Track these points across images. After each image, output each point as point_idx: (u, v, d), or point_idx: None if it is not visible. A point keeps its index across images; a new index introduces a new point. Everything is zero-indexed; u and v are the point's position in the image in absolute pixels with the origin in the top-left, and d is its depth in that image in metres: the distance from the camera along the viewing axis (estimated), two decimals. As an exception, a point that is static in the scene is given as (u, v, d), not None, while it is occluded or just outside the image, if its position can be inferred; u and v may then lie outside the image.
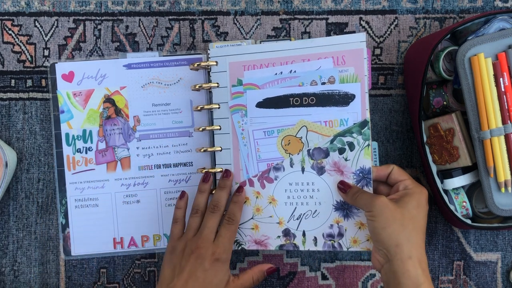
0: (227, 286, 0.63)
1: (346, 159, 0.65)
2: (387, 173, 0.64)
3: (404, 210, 0.58)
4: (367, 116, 0.64)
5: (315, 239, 0.67)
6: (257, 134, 0.67)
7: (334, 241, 0.66)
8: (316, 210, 0.66)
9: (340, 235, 0.66)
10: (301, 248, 0.67)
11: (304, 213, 0.67)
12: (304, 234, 0.67)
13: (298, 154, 0.66)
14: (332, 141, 0.65)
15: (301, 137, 0.66)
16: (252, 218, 0.68)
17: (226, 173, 0.67)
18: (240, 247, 0.68)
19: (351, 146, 0.65)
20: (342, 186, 0.64)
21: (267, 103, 0.66)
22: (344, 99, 0.64)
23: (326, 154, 0.65)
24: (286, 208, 0.67)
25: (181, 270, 0.62)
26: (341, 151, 0.65)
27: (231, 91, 0.68)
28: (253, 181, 0.68)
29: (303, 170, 0.66)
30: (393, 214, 0.58)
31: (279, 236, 0.68)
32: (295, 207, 0.67)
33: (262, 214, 0.68)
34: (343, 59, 0.64)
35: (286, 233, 0.67)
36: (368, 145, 0.64)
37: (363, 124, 0.64)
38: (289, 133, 0.66)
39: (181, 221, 0.67)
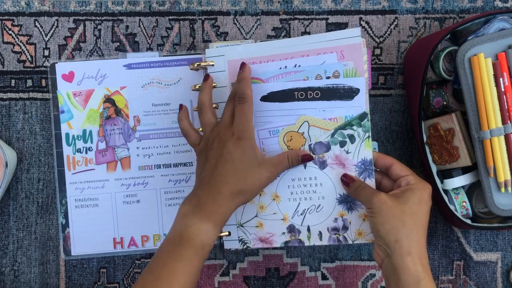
0: (262, 164, 0.61)
1: (347, 152, 0.65)
2: (387, 165, 0.63)
3: (405, 206, 0.58)
4: (366, 108, 0.64)
5: (320, 233, 0.67)
6: (262, 134, 0.67)
7: (339, 235, 0.67)
8: (320, 205, 0.66)
9: (345, 228, 0.66)
10: (307, 243, 0.67)
11: (308, 208, 0.67)
12: (308, 229, 0.67)
13: (299, 149, 0.66)
14: (333, 135, 0.65)
15: (303, 132, 0.66)
16: (256, 216, 0.68)
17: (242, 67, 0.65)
18: (245, 246, 0.68)
19: (352, 138, 0.65)
20: (345, 179, 0.64)
21: (271, 97, 0.66)
22: (349, 93, 0.65)
23: (328, 148, 0.65)
24: (289, 204, 0.67)
25: (208, 160, 0.61)
26: (342, 144, 0.65)
27: (231, 88, 0.68)
28: None
29: (305, 165, 0.66)
30: (392, 211, 0.58)
31: (283, 233, 0.67)
32: (299, 203, 0.67)
33: (266, 211, 0.68)
34: (342, 54, 0.65)
35: (291, 229, 0.67)
36: (369, 136, 0.64)
37: (363, 116, 0.64)
38: (291, 129, 0.66)
39: (190, 130, 0.65)
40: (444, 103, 0.70)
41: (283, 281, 0.75)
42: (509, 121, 0.64)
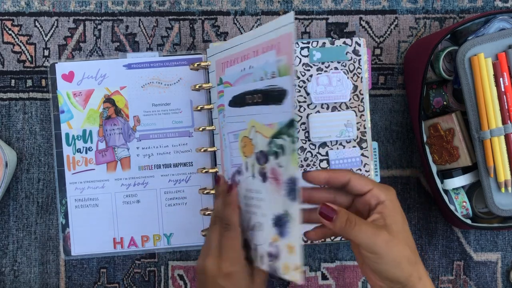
0: None
1: (280, 165, 0.52)
2: (343, 181, 0.54)
3: (400, 235, 0.52)
4: (293, 114, 0.51)
5: (261, 258, 0.55)
6: (230, 137, 0.62)
7: (273, 263, 0.53)
8: (261, 223, 0.55)
9: (275, 256, 0.53)
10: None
11: (254, 224, 0.56)
12: (256, 249, 0.56)
13: (251, 157, 0.57)
14: (269, 143, 0.54)
15: (252, 138, 0.57)
16: None
17: (217, 179, 0.60)
18: None
19: (283, 150, 0.52)
20: (326, 212, 0.52)
21: (233, 102, 0.61)
22: (279, 96, 0.53)
23: (267, 158, 0.54)
24: (244, 217, 0.58)
25: None
26: (276, 155, 0.53)
27: (217, 90, 0.66)
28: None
29: (253, 175, 0.57)
30: (397, 249, 0.51)
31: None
32: (250, 217, 0.57)
33: None
34: (279, 48, 0.52)
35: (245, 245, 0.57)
36: (294, 150, 0.50)
37: (290, 124, 0.51)
38: (245, 134, 0.58)
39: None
40: (444, 103, 0.70)
41: (283, 281, 0.75)
42: (509, 121, 0.64)
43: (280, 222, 0.52)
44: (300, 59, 0.69)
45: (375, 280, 0.54)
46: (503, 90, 0.64)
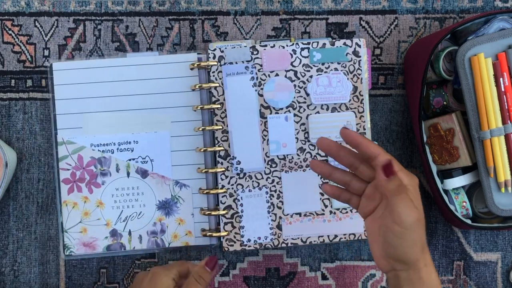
0: None
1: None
2: (371, 153, 0.54)
3: (421, 215, 0.53)
4: None
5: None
6: None
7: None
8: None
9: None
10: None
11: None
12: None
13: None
14: None
15: None
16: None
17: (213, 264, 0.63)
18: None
19: None
20: (388, 169, 0.51)
21: None
22: None
23: None
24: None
25: None
26: None
27: None
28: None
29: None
30: (420, 233, 0.52)
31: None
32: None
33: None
34: None
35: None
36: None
37: None
38: None
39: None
40: (444, 103, 0.70)
41: (283, 281, 0.75)
42: (509, 121, 0.64)
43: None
44: (300, 59, 0.69)
45: (380, 257, 0.54)
46: (503, 90, 0.64)
